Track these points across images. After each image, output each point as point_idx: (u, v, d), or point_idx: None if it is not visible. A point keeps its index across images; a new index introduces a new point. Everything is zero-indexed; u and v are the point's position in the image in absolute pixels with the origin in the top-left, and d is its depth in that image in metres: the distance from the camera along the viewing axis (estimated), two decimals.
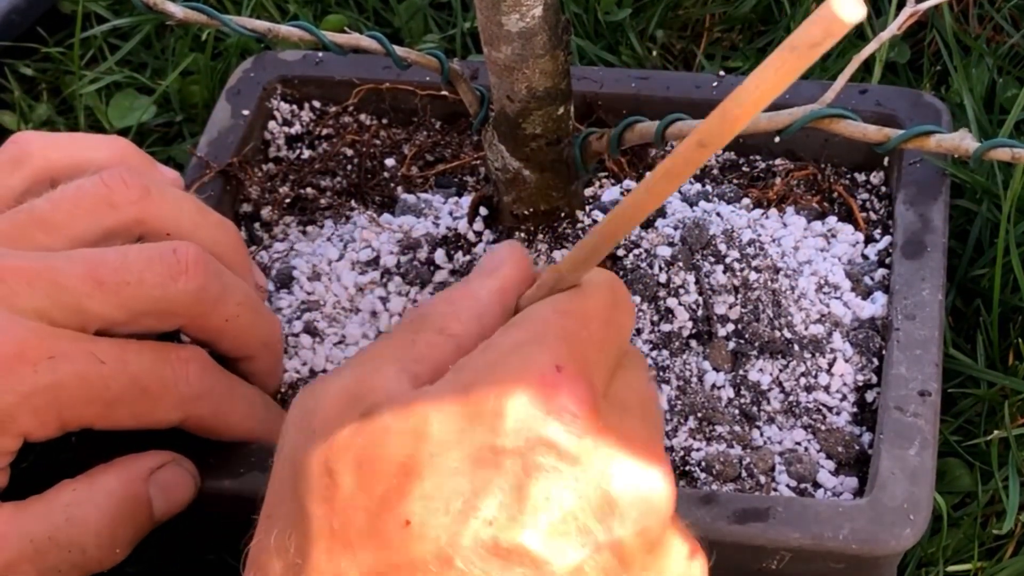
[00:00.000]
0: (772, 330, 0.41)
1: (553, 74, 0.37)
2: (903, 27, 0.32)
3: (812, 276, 0.42)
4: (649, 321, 0.41)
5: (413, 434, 0.25)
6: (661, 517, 0.26)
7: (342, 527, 0.24)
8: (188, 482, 0.37)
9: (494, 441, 0.25)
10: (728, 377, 0.40)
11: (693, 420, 0.39)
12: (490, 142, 0.41)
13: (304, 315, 0.43)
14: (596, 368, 0.27)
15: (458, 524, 0.24)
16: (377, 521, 0.24)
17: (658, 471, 0.26)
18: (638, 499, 0.25)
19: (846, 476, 0.38)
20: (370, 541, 0.24)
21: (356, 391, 0.27)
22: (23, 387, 0.32)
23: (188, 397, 0.36)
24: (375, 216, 0.46)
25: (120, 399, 0.34)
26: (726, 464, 0.38)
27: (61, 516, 0.34)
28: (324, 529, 0.24)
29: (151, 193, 0.38)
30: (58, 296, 0.34)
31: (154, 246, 0.37)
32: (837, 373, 0.40)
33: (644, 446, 0.27)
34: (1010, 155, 0.29)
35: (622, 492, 0.25)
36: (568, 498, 0.25)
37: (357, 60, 0.44)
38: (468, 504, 0.24)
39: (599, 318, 0.28)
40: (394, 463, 0.25)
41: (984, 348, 0.44)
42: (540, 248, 0.42)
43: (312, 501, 0.25)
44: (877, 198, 0.46)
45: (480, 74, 0.48)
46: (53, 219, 0.36)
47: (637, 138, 0.39)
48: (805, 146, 0.47)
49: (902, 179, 0.45)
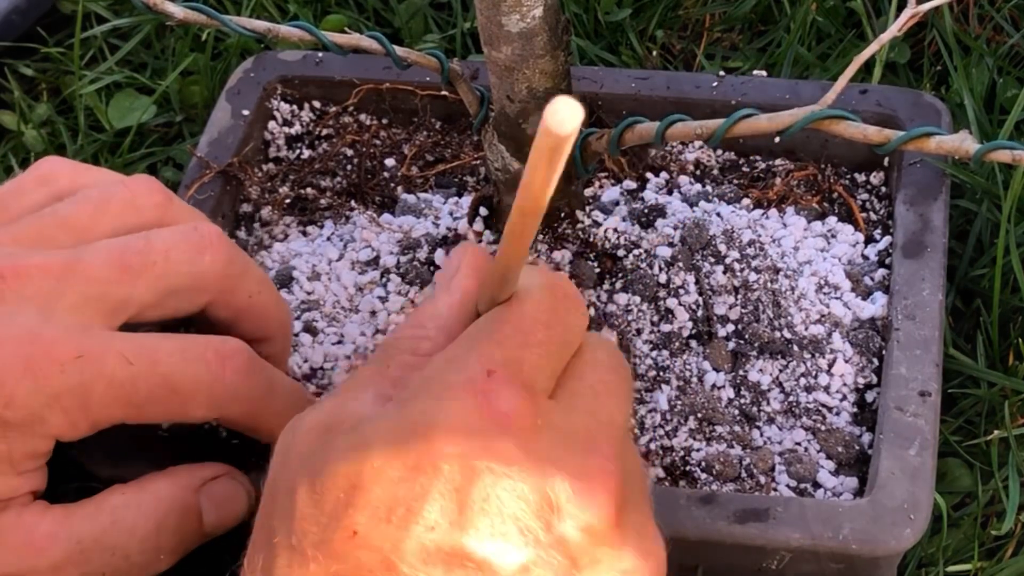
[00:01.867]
0: (772, 330, 0.41)
1: (553, 74, 0.37)
2: (903, 28, 0.32)
3: (812, 276, 0.42)
4: (649, 321, 0.41)
5: (360, 449, 0.26)
6: (604, 512, 0.26)
7: (299, 541, 0.25)
8: (241, 497, 0.37)
9: (432, 448, 0.25)
10: (728, 377, 0.40)
11: (693, 420, 0.39)
12: (490, 142, 0.41)
13: (303, 314, 0.43)
14: (536, 369, 0.28)
15: (401, 531, 0.24)
16: (327, 533, 0.25)
17: (600, 465, 0.27)
18: (578, 496, 0.26)
19: (846, 476, 0.38)
20: (322, 553, 0.25)
21: (329, 421, 0.28)
22: (51, 389, 0.32)
23: (222, 397, 0.35)
24: (375, 216, 0.46)
25: (150, 399, 0.34)
26: (726, 464, 0.38)
27: (108, 519, 0.34)
28: (284, 545, 0.25)
29: (173, 200, 0.38)
30: (85, 288, 0.34)
31: (176, 228, 0.36)
32: (837, 373, 0.40)
33: (587, 441, 0.27)
34: (1011, 157, 0.29)
35: (561, 491, 0.25)
36: (508, 499, 0.25)
37: (357, 60, 0.44)
38: (410, 511, 0.25)
39: (536, 320, 0.29)
40: (343, 478, 0.25)
41: (984, 348, 0.44)
42: (540, 248, 0.43)
43: (277, 519, 0.26)
44: (877, 198, 0.46)
45: (480, 74, 0.48)
46: (77, 220, 0.36)
47: (636, 139, 0.39)
48: (805, 147, 0.47)
49: (902, 179, 0.45)
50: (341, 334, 0.43)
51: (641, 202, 0.45)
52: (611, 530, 0.26)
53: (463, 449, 0.25)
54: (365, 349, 0.42)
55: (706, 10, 0.58)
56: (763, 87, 0.49)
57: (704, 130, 0.35)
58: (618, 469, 0.27)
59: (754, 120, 0.34)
